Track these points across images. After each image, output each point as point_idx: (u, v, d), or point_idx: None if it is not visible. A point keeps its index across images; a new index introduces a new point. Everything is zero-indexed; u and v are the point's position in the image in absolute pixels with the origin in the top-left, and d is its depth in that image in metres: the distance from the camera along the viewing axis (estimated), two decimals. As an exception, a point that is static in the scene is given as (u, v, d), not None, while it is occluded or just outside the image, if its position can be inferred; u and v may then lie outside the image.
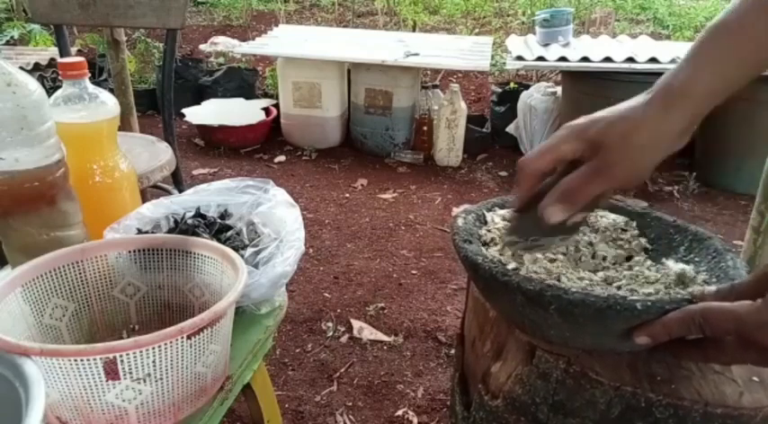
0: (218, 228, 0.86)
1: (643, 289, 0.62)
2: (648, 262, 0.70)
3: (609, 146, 0.54)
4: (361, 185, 2.94)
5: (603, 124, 0.55)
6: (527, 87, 3.39)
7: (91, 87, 0.87)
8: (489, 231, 0.74)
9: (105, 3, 1.66)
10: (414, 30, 4.88)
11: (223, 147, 3.29)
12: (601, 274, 0.67)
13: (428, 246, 2.36)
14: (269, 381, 0.95)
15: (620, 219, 0.78)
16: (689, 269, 0.65)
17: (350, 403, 1.54)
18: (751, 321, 0.48)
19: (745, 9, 0.54)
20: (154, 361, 0.55)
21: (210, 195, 0.93)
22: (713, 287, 0.58)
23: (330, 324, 1.85)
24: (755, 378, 0.59)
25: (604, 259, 0.71)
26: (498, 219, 0.76)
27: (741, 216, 2.63)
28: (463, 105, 3.07)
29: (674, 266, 0.66)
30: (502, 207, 0.80)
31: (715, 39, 0.55)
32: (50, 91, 0.74)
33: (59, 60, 0.89)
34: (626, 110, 0.55)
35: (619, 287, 0.64)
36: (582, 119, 0.58)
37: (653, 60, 2.68)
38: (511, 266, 0.64)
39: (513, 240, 0.66)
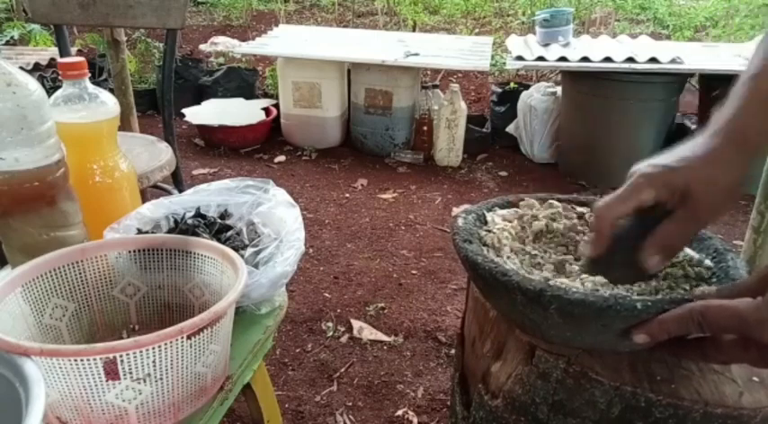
0: (218, 228, 0.86)
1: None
2: None
3: (698, 194, 0.56)
4: (361, 185, 2.94)
5: (689, 173, 0.56)
6: (527, 87, 3.39)
7: (91, 87, 0.87)
8: (490, 231, 0.74)
9: (105, 3, 1.66)
10: (414, 30, 4.89)
11: (223, 147, 3.29)
12: None
13: (428, 246, 2.36)
14: (269, 381, 0.95)
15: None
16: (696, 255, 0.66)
17: (350, 403, 1.54)
18: (751, 318, 0.48)
19: None
20: (154, 361, 0.55)
21: (210, 195, 0.93)
22: (714, 287, 0.58)
23: (330, 324, 1.85)
24: (755, 378, 0.59)
25: None
26: (498, 219, 0.76)
27: (741, 216, 2.63)
28: (463, 105, 3.07)
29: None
30: (502, 207, 0.80)
31: (758, 87, 0.57)
32: (50, 91, 0.74)
33: (59, 60, 0.89)
34: (705, 157, 0.56)
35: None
36: (655, 167, 0.58)
37: (653, 60, 2.67)
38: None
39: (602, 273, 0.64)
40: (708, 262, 0.65)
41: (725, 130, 0.57)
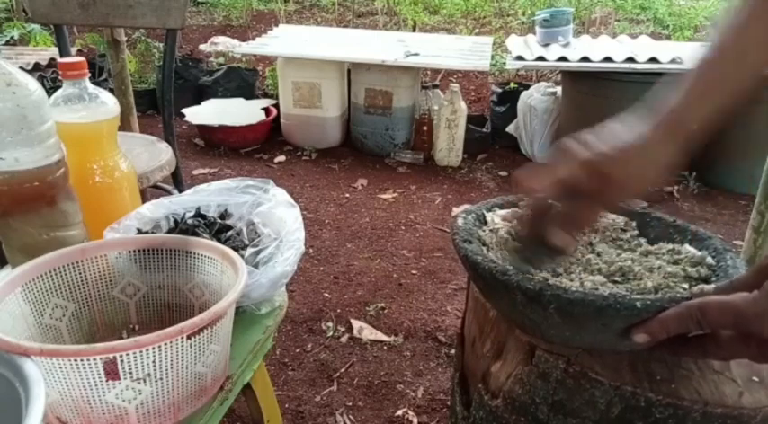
0: (218, 228, 0.86)
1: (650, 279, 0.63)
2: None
3: (613, 179, 0.55)
4: (361, 185, 2.94)
5: (605, 155, 0.56)
6: (527, 87, 3.39)
7: (91, 87, 0.87)
8: (491, 230, 0.74)
9: (105, 3, 1.66)
10: (414, 30, 4.88)
11: (223, 147, 3.29)
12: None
13: (428, 246, 2.36)
14: (269, 381, 0.95)
15: (620, 219, 0.78)
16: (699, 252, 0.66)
17: (350, 403, 1.54)
18: (748, 311, 0.48)
19: (733, 43, 0.56)
20: (154, 361, 0.55)
21: (210, 195, 0.93)
22: (712, 286, 0.58)
23: (330, 324, 1.85)
24: (755, 378, 0.59)
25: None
26: (498, 219, 0.76)
27: (741, 216, 2.63)
28: (463, 105, 3.07)
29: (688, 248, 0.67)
30: (502, 207, 0.80)
31: (707, 71, 0.56)
32: (50, 91, 0.74)
33: (59, 60, 0.89)
34: (626, 140, 0.56)
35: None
36: (577, 144, 0.58)
37: (653, 60, 2.67)
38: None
39: (518, 261, 0.65)
40: (709, 260, 0.65)
41: (665, 120, 0.56)
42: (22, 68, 0.77)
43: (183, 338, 0.56)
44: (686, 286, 0.62)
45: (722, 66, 0.56)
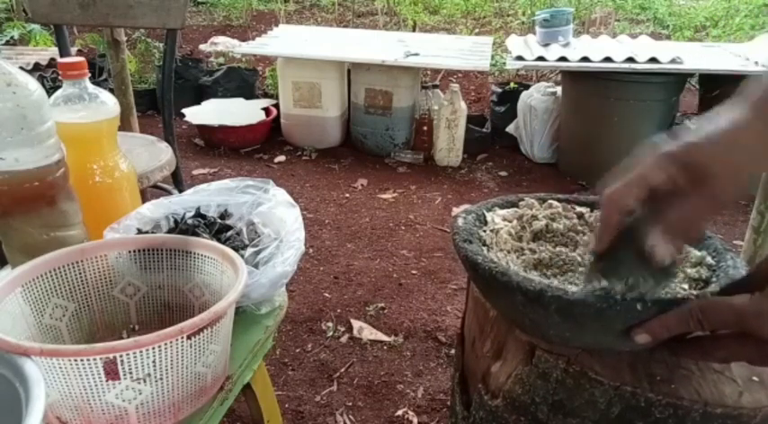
0: (218, 228, 0.86)
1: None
2: None
3: (718, 174, 0.48)
4: (361, 185, 2.94)
5: (707, 149, 0.48)
6: (527, 87, 3.39)
7: (91, 87, 0.87)
8: (492, 230, 0.74)
9: (105, 3, 1.66)
10: (414, 30, 4.89)
11: (223, 147, 3.29)
12: None
13: (428, 246, 2.36)
14: (269, 381, 0.95)
15: None
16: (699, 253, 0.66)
17: (350, 403, 1.54)
18: (748, 311, 0.48)
19: None
20: (154, 361, 0.55)
21: (210, 195, 0.93)
22: (714, 287, 0.58)
23: (330, 324, 1.85)
24: (755, 378, 0.59)
25: None
26: (498, 219, 0.76)
27: (741, 216, 2.63)
28: (463, 105, 3.07)
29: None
30: (502, 206, 0.80)
31: None
32: (50, 91, 0.74)
33: (59, 60, 0.89)
34: (726, 130, 0.48)
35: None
36: (668, 143, 0.50)
37: (653, 60, 2.67)
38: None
39: (610, 284, 0.54)
40: (709, 260, 0.65)
41: (754, 97, 0.49)
42: (22, 68, 0.77)
43: (183, 338, 0.56)
44: (686, 286, 0.62)
45: None
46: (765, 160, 0.49)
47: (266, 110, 3.48)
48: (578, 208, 0.79)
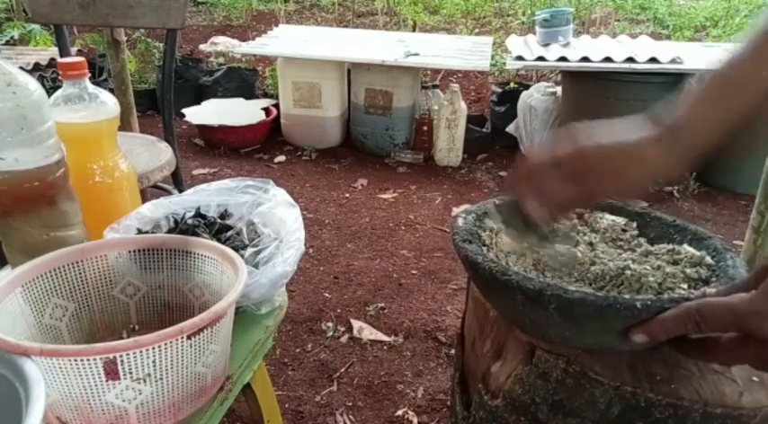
0: (218, 228, 0.86)
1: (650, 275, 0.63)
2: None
3: (598, 173, 0.57)
4: (361, 185, 2.94)
5: (598, 148, 0.58)
6: (527, 87, 3.39)
7: (91, 87, 0.87)
8: (491, 230, 0.74)
9: (105, 3, 1.66)
10: (414, 31, 4.88)
11: (223, 147, 3.29)
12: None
13: (428, 246, 2.36)
14: (269, 381, 0.95)
15: (620, 220, 0.78)
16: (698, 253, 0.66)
17: (350, 403, 1.54)
18: (745, 310, 0.48)
19: (740, 62, 0.56)
20: (154, 361, 0.55)
21: (210, 195, 0.93)
22: (713, 288, 0.58)
23: (330, 324, 1.85)
24: (755, 378, 0.59)
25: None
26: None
27: (741, 216, 2.63)
28: (463, 105, 3.07)
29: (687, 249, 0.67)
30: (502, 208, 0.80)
31: (713, 90, 0.57)
32: (50, 91, 0.74)
33: (59, 60, 0.89)
34: (620, 134, 0.58)
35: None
36: (583, 129, 0.60)
37: (653, 60, 2.67)
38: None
39: (505, 226, 0.68)
40: (709, 260, 0.65)
41: (654, 120, 0.58)
42: (22, 68, 0.77)
43: (183, 338, 0.56)
44: (685, 286, 0.62)
45: (730, 84, 0.56)
46: (642, 176, 0.57)
47: (266, 110, 3.48)
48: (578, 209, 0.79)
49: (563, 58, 2.78)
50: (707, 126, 0.56)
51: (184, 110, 3.31)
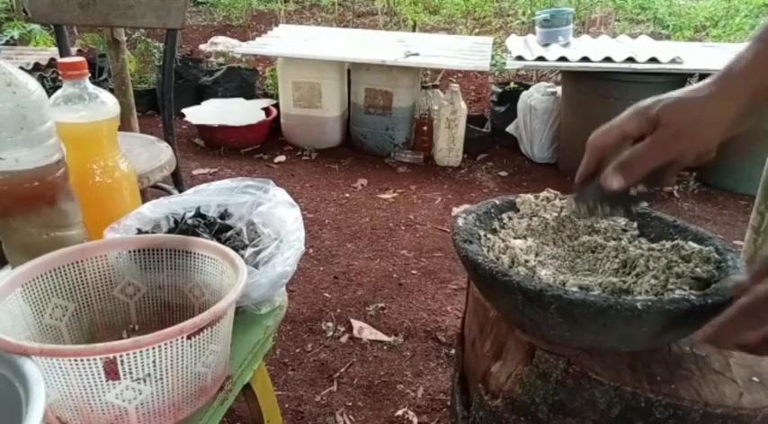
0: (218, 228, 0.86)
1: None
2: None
3: (666, 124, 0.58)
4: (361, 185, 2.94)
5: (664, 104, 0.59)
6: (527, 87, 3.39)
7: (91, 87, 0.87)
8: (492, 230, 0.74)
9: (105, 3, 1.66)
10: (414, 31, 4.88)
11: (223, 147, 3.29)
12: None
13: (428, 246, 2.36)
14: (269, 381, 0.95)
15: (621, 220, 0.78)
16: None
17: (350, 403, 1.54)
18: None
19: None
20: (154, 361, 0.55)
21: (210, 195, 0.93)
22: (718, 287, 0.57)
23: (330, 324, 1.85)
24: (755, 378, 0.59)
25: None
26: (510, 239, 0.75)
27: (741, 216, 2.63)
28: (463, 105, 3.07)
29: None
30: (501, 208, 0.79)
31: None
32: (50, 91, 0.74)
33: (59, 60, 0.89)
34: (688, 91, 0.59)
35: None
36: (647, 100, 0.61)
37: (653, 60, 2.67)
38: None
39: (577, 207, 0.68)
40: (716, 256, 0.65)
41: (721, 71, 0.59)
42: (22, 68, 0.77)
43: (183, 338, 0.56)
44: (686, 287, 0.62)
45: None
46: (712, 119, 0.58)
47: (266, 110, 3.48)
48: None
49: (563, 58, 2.78)
50: None
51: (184, 110, 3.31)
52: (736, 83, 0.57)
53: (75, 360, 0.52)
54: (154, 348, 0.55)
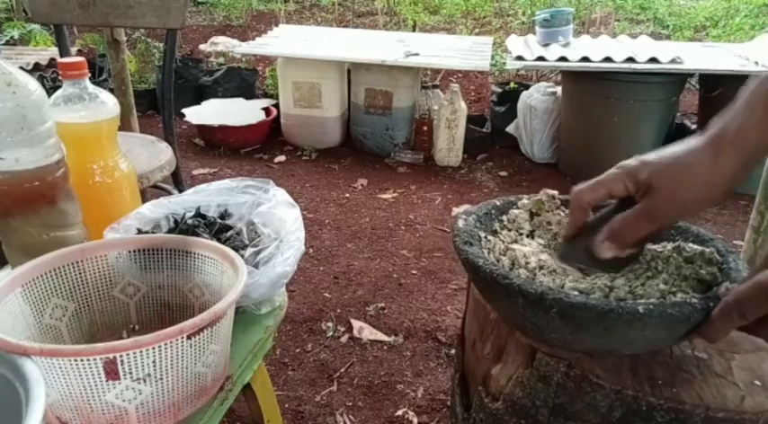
0: (218, 228, 0.86)
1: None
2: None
3: (658, 191, 0.56)
4: (361, 185, 2.94)
5: (655, 167, 0.57)
6: (527, 87, 3.39)
7: (91, 87, 0.87)
8: (493, 231, 0.74)
9: (105, 3, 1.65)
10: (414, 31, 4.88)
11: (223, 147, 3.28)
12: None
13: (428, 246, 2.36)
14: (269, 381, 0.95)
15: None
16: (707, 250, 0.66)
17: (350, 403, 1.54)
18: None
19: None
20: (154, 361, 0.55)
21: (210, 195, 0.93)
22: (736, 285, 0.58)
23: (330, 324, 1.85)
24: (757, 382, 0.59)
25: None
26: (517, 246, 0.75)
27: (741, 216, 2.63)
28: (463, 105, 3.07)
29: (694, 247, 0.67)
30: (501, 209, 0.79)
31: (764, 98, 0.55)
32: (50, 91, 0.74)
33: (59, 60, 0.89)
34: (678, 155, 0.57)
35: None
36: (635, 160, 0.59)
37: (653, 60, 2.67)
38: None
39: (563, 266, 0.67)
40: (717, 257, 0.65)
41: (711, 132, 0.56)
42: (22, 68, 0.77)
43: (183, 338, 0.56)
44: (688, 290, 0.62)
45: None
46: (706, 182, 0.56)
47: (266, 110, 3.47)
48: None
49: (563, 58, 2.78)
50: (761, 135, 0.54)
51: (184, 110, 3.31)
52: (729, 147, 0.55)
53: (76, 360, 0.52)
54: (154, 349, 0.54)
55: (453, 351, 1.69)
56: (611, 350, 0.60)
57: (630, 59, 2.69)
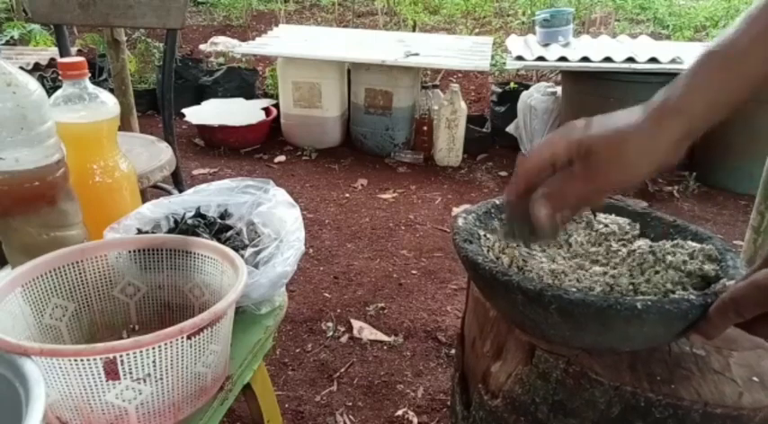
0: (218, 228, 0.86)
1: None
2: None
3: (596, 154, 0.56)
4: (361, 185, 2.94)
5: (596, 131, 0.57)
6: (527, 87, 3.39)
7: (91, 87, 0.87)
8: (492, 230, 0.74)
9: (105, 3, 1.66)
10: (414, 31, 4.88)
11: (223, 147, 3.29)
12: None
13: (428, 246, 2.36)
14: (269, 381, 0.95)
15: (624, 222, 0.78)
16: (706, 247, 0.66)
17: (350, 403, 1.54)
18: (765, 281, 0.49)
19: (739, 38, 0.54)
20: (154, 361, 0.55)
21: (210, 195, 0.93)
22: (734, 282, 0.58)
23: (330, 324, 1.85)
24: (755, 378, 0.59)
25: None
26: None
27: (741, 216, 2.63)
28: (463, 105, 3.07)
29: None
30: (501, 209, 0.80)
31: (709, 65, 0.55)
32: (50, 91, 0.74)
33: (59, 60, 0.89)
34: (620, 121, 0.57)
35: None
36: (580, 121, 0.59)
37: (653, 60, 2.67)
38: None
39: (506, 230, 0.68)
40: (716, 254, 0.65)
41: (654, 101, 0.56)
42: (22, 68, 0.77)
43: (183, 338, 0.56)
44: (689, 287, 0.62)
45: (727, 59, 0.54)
46: (644, 149, 0.55)
47: (266, 110, 3.48)
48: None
49: (563, 58, 2.78)
50: (705, 101, 0.54)
51: (184, 110, 3.31)
52: (670, 116, 0.55)
53: (76, 360, 0.52)
54: (154, 349, 0.55)
55: (453, 351, 1.69)
56: (610, 347, 0.61)
57: (630, 59, 2.69)
